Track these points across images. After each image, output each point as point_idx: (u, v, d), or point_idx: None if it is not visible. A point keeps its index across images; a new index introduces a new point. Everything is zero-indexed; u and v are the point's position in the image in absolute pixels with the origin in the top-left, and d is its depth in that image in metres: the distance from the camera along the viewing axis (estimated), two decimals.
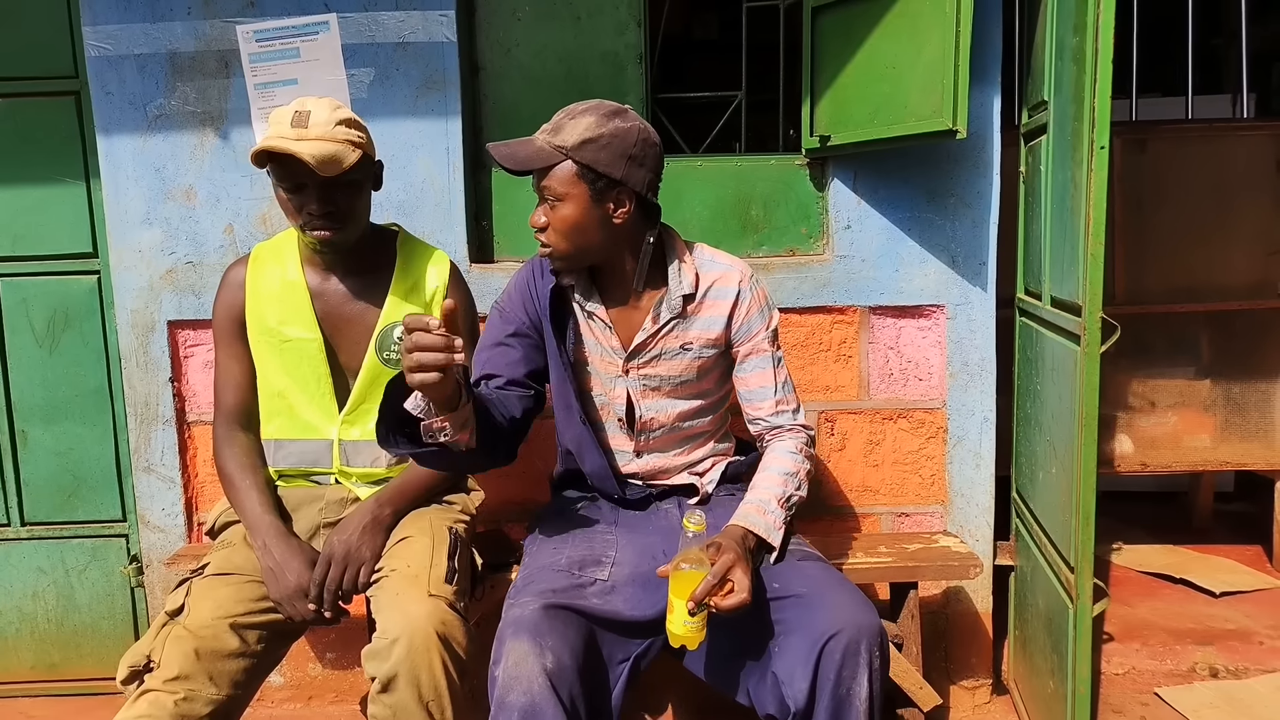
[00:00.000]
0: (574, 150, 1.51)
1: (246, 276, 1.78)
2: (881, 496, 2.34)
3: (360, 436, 1.78)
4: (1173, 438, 2.84)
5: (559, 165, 1.53)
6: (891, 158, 2.19)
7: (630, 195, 1.56)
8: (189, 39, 2.17)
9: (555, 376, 1.71)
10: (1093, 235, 1.65)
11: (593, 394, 1.73)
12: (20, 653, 2.48)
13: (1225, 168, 2.76)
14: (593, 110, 1.54)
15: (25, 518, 2.43)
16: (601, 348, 1.70)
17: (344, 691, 2.39)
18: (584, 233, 1.56)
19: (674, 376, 1.71)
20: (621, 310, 1.69)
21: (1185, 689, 2.29)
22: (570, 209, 1.54)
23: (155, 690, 1.44)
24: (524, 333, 1.69)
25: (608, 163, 1.52)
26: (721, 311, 1.69)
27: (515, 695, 1.33)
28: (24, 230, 2.31)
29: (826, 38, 2.18)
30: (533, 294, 1.69)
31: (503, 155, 1.55)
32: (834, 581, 1.50)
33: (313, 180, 1.60)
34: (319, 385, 1.76)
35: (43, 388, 2.37)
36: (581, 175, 1.52)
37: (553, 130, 1.54)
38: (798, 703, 1.38)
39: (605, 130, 1.52)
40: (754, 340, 1.71)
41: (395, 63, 2.18)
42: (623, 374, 1.70)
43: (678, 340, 1.69)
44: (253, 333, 1.77)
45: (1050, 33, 1.96)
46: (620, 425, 1.73)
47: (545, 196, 1.56)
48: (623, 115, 1.55)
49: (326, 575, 1.62)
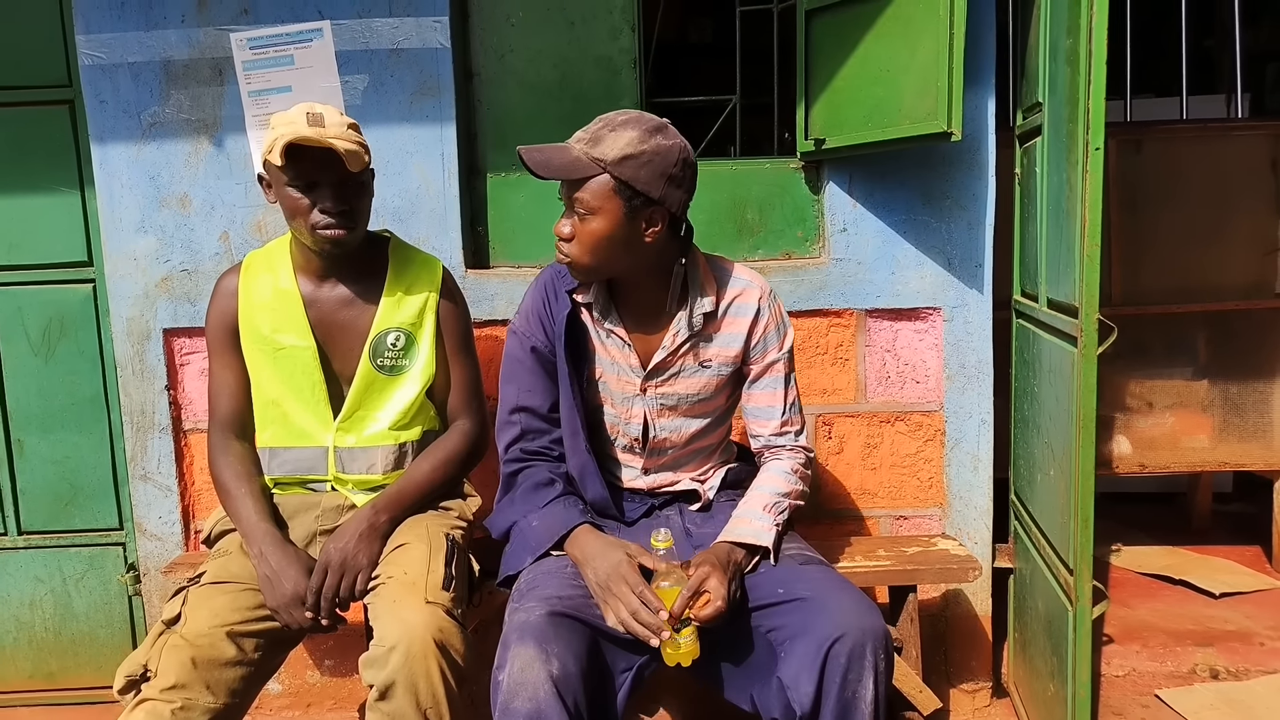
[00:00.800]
0: (613, 165, 1.47)
1: (239, 285, 1.77)
2: (879, 500, 2.34)
3: (355, 444, 1.77)
4: (1171, 438, 2.84)
5: (595, 178, 1.48)
6: (887, 160, 2.19)
7: (664, 215, 1.53)
8: (183, 47, 2.17)
9: (564, 401, 1.67)
10: (1088, 236, 1.65)
11: (605, 415, 1.71)
12: (18, 662, 2.47)
13: (1221, 168, 2.76)
14: (634, 124, 1.49)
15: (22, 526, 2.42)
16: (619, 366, 1.68)
17: (342, 699, 2.39)
18: (611, 248, 1.52)
19: (691, 395, 1.69)
20: (639, 327, 1.67)
21: (1185, 691, 2.28)
22: (601, 224, 1.50)
23: (152, 699, 1.43)
24: (546, 356, 1.67)
25: (647, 181, 1.48)
26: (741, 329, 1.67)
27: (520, 701, 1.32)
28: (19, 239, 2.31)
29: (821, 41, 2.18)
30: (549, 315, 1.66)
31: (536, 162, 1.50)
32: (837, 585, 1.50)
33: (328, 179, 1.62)
34: (313, 392, 1.76)
35: (39, 396, 2.37)
36: (618, 191, 1.48)
37: (591, 141, 1.49)
38: (803, 707, 1.38)
39: (647, 147, 1.47)
40: (768, 358, 1.70)
41: (389, 69, 2.18)
42: (640, 393, 1.68)
43: (696, 358, 1.67)
44: (246, 341, 1.77)
45: (1044, 34, 1.96)
46: (633, 445, 1.72)
47: (575, 208, 1.51)
48: (664, 132, 1.51)
49: (324, 583, 1.61)
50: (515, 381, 1.69)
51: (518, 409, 1.68)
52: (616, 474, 1.75)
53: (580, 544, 1.55)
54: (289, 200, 1.65)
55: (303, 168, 1.61)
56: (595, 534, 1.58)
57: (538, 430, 1.69)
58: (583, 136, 1.52)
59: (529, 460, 1.69)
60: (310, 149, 1.59)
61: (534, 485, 1.65)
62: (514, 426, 1.69)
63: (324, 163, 1.61)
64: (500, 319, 2.26)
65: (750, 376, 1.71)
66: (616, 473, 1.75)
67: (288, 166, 1.60)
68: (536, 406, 1.68)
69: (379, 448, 1.78)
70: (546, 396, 1.68)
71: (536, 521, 1.62)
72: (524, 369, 1.68)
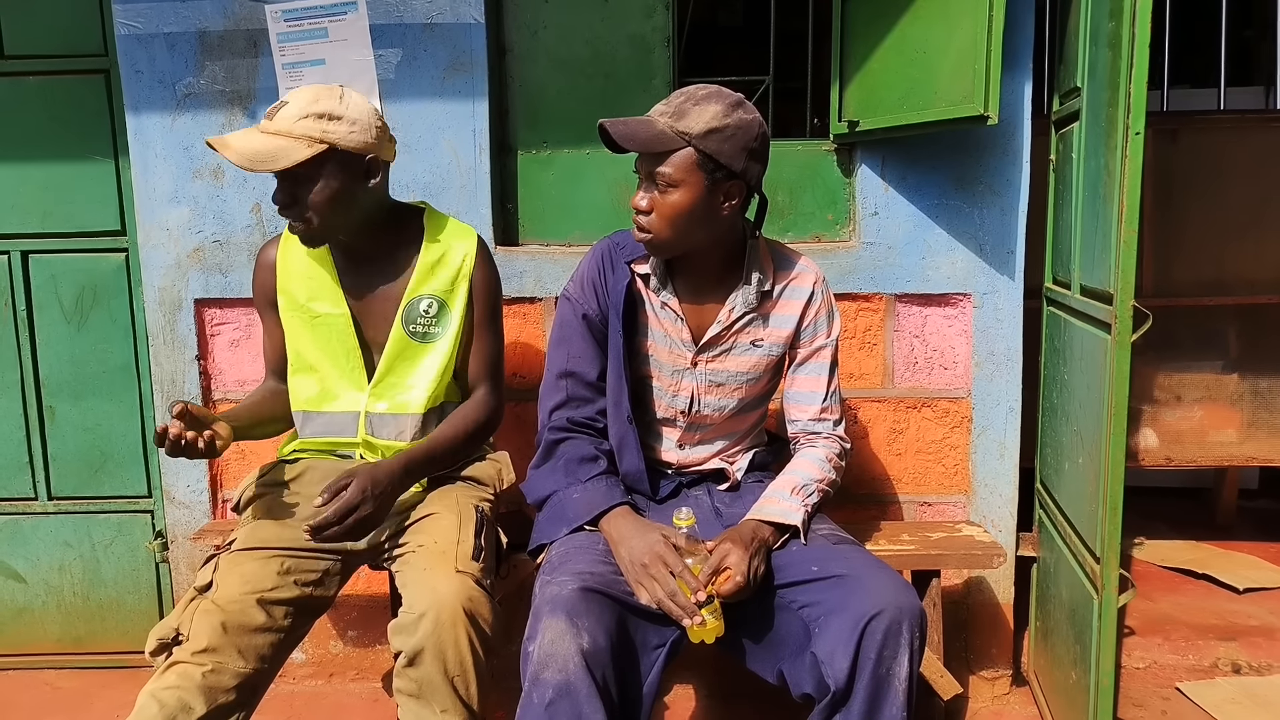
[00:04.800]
0: (698, 139, 1.48)
1: (277, 257, 1.82)
2: (904, 485, 2.33)
3: (387, 410, 1.79)
4: (1198, 432, 2.81)
5: (679, 151, 1.49)
6: (920, 144, 2.17)
7: (741, 189, 1.55)
8: (218, 18, 2.18)
9: (612, 370, 1.68)
10: (1126, 222, 1.63)
11: (650, 387, 1.72)
12: (47, 625, 2.51)
13: (1257, 160, 2.72)
14: (716, 98, 1.51)
15: (53, 492, 2.46)
16: (670, 340, 1.69)
17: (365, 669, 2.41)
18: (690, 221, 1.54)
19: (741, 373, 1.70)
20: (694, 301, 1.68)
21: (1207, 684, 2.27)
22: (682, 196, 1.51)
23: (184, 662, 1.45)
24: (596, 325, 1.68)
25: (730, 154, 1.50)
26: (794, 311, 1.68)
27: (550, 673, 1.33)
28: (53, 208, 2.33)
29: (856, 21, 2.16)
30: (604, 284, 1.67)
31: (620, 134, 1.51)
32: (873, 564, 1.51)
33: (277, 173, 1.64)
34: (348, 359, 1.79)
35: (71, 364, 2.40)
36: (701, 164, 1.50)
37: (675, 115, 1.50)
38: (838, 682, 1.38)
39: (730, 120, 1.49)
40: (816, 343, 1.71)
41: (422, 44, 2.18)
42: (690, 367, 1.69)
43: (749, 336, 1.68)
44: (284, 309, 1.81)
45: (1085, 18, 1.93)
46: (676, 419, 1.73)
47: (655, 181, 1.52)
48: (744, 106, 1.53)
49: (337, 516, 1.57)
50: (566, 346, 1.70)
51: (566, 373, 1.69)
52: (654, 446, 1.76)
53: (616, 523, 1.57)
54: None
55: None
56: (632, 514, 1.59)
57: (583, 398, 1.69)
58: (665, 110, 1.52)
59: (573, 432, 1.69)
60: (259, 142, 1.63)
61: (578, 459, 1.66)
62: (560, 392, 1.70)
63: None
64: (529, 296, 2.26)
65: (796, 360, 1.72)
66: (654, 445, 1.76)
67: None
68: (584, 373, 1.69)
69: (408, 415, 1.79)
70: (595, 364, 1.68)
71: (578, 494, 1.63)
72: (576, 334, 1.69)
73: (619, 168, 2.27)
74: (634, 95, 2.28)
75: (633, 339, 1.69)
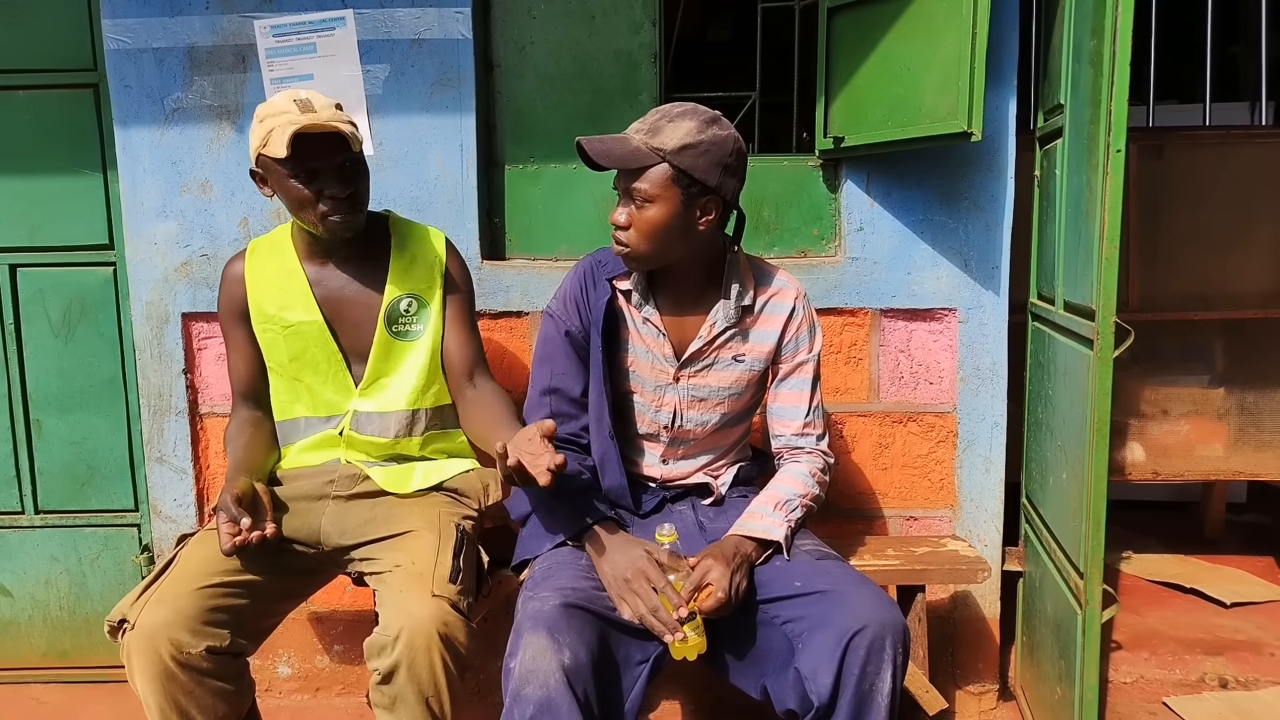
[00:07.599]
0: (673, 154, 1.51)
1: (245, 269, 1.82)
2: (890, 500, 2.33)
3: (374, 409, 1.81)
4: (1185, 446, 2.82)
5: (654, 167, 1.52)
6: (905, 160, 2.18)
7: (718, 204, 1.57)
8: (207, 33, 2.19)
9: (594, 386, 1.69)
10: (1107, 239, 1.64)
11: (632, 403, 1.73)
12: (33, 639, 2.50)
13: (1242, 175, 2.74)
14: (690, 114, 1.54)
15: (39, 506, 2.45)
16: (653, 355, 1.70)
17: (351, 684, 2.40)
18: (668, 236, 1.56)
19: (724, 388, 1.71)
20: (675, 317, 1.69)
21: (1194, 699, 2.27)
22: (658, 212, 1.54)
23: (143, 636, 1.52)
24: (579, 341, 1.69)
25: (704, 170, 1.52)
26: (776, 326, 1.70)
27: (531, 689, 1.34)
28: (41, 221, 2.33)
29: (842, 38, 2.18)
30: (586, 301, 1.69)
31: (596, 152, 1.54)
32: (856, 579, 1.51)
33: (329, 164, 1.63)
34: (329, 364, 1.81)
35: (58, 378, 2.39)
36: (676, 180, 1.52)
37: (650, 131, 1.53)
38: (821, 698, 1.38)
39: (704, 137, 1.51)
40: (799, 358, 1.72)
41: (410, 59, 2.19)
42: (673, 382, 1.70)
43: (731, 351, 1.70)
44: (256, 323, 1.81)
45: (1068, 35, 1.95)
46: (659, 434, 1.74)
47: (633, 197, 1.55)
48: (719, 123, 1.55)
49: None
50: (549, 363, 1.71)
51: (549, 390, 1.71)
52: (636, 461, 1.77)
53: (599, 539, 1.57)
54: (294, 193, 1.65)
55: (302, 156, 1.60)
56: (615, 530, 1.60)
57: (567, 415, 1.71)
58: (640, 127, 1.55)
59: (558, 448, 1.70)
60: (306, 136, 1.59)
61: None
62: (543, 408, 1.71)
63: (323, 148, 1.61)
64: (515, 310, 2.26)
65: (778, 375, 1.73)
66: (638, 460, 1.77)
67: (289, 160, 1.60)
68: (567, 389, 1.70)
69: (394, 413, 1.81)
70: (578, 381, 1.70)
71: (561, 510, 1.63)
72: (559, 351, 1.70)
73: (606, 183, 2.25)
74: (621, 111, 2.29)
75: (615, 355, 1.70)
